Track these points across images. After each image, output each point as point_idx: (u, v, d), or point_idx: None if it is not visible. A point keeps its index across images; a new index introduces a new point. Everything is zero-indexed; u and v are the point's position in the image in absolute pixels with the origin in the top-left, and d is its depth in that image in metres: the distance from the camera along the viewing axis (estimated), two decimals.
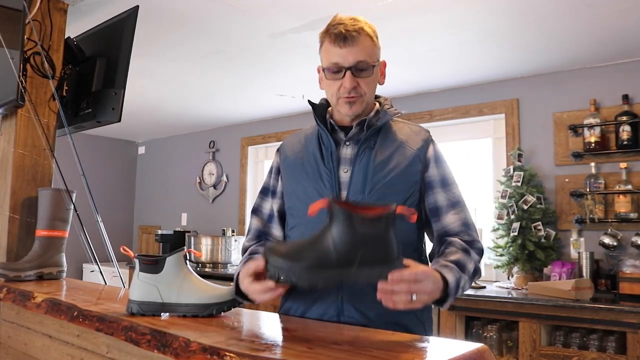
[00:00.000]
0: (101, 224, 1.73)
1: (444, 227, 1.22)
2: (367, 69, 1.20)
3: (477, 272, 1.18)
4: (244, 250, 1.33)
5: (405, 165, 1.21)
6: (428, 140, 1.28)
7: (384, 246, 0.90)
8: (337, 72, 1.20)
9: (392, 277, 0.91)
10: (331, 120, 1.27)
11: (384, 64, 1.29)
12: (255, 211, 1.38)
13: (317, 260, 0.90)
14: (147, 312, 1.03)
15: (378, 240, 0.89)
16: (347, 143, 1.25)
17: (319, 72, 1.29)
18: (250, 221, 1.39)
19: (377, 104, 1.30)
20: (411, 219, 0.94)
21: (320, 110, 1.31)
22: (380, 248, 0.89)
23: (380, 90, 1.31)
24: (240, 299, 1.13)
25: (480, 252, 1.21)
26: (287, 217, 1.32)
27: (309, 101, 1.34)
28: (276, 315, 1.18)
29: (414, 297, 0.95)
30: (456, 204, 1.24)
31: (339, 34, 1.18)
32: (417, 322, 1.21)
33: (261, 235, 1.35)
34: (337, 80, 1.21)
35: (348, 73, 1.18)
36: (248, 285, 1.05)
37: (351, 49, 1.18)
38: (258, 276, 1.04)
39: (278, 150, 1.39)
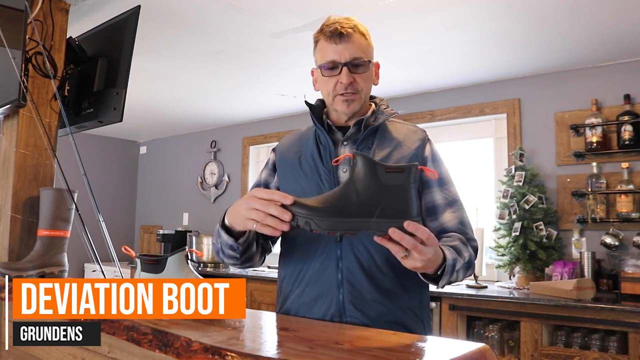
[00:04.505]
0: (103, 224, 1.73)
1: (441, 225, 1.21)
2: (363, 65, 1.21)
3: (471, 265, 1.17)
4: None
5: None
6: (425, 140, 1.28)
7: (405, 200, 0.91)
8: (333, 68, 1.20)
9: (409, 224, 0.90)
10: (328, 121, 1.28)
11: (378, 65, 1.30)
12: None
13: (339, 208, 0.91)
14: None
15: (399, 193, 0.91)
16: (345, 143, 1.25)
17: (312, 74, 1.30)
18: None
19: (373, 105, 1.31)
20: (433, 177, 0.95)
21: (317, 111, 1.31)
22: (400, 201, 0.91)
23: (382, 89, 1.31)
24: (224, 233, 1.12)
25: (475, 250, 1.20)
26: None
27: (306, 102, 1.33)
28: (277, 315, 1.18)
29: (410, 254, 0.93)
30: (453, 202, 1.23)
31: (334, 31, 1.19)
32: (417, 320, 1.21)
33: None
34: (333, 77, 1.21)
35: (345, 69, 1.19)
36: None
37: (347, 45, 1.19)
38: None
39: (273, 150, 1.40)
